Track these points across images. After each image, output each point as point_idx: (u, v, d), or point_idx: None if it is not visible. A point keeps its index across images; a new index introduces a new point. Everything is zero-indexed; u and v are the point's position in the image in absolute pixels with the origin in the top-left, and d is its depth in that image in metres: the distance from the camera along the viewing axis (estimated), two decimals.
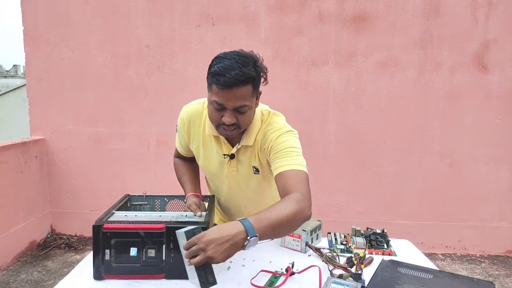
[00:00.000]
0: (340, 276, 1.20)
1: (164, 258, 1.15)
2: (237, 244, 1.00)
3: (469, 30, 3.30)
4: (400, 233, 3.41)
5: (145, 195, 1.55)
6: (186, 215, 1.34)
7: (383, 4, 3.30)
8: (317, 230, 1.56)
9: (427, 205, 3.52)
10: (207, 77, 1.22)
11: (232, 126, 1.23)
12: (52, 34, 3.42)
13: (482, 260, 3.46)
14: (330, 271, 1.27)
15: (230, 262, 1.35)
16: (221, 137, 1.37)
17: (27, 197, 3.31)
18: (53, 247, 3.41)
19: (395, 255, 1.47)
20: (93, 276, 1.16)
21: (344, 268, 1.27)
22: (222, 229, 1.00)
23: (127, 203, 1.53)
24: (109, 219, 1.24)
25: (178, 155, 1.69)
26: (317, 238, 1.57)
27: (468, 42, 3.32)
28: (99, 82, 3.46)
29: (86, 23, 3.40)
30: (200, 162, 1.53)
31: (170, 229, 1.15)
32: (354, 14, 3.32)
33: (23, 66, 3.54)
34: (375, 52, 3.36)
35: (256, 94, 1.26)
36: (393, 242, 1.57)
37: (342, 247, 1.50)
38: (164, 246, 1.15)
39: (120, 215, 1.31)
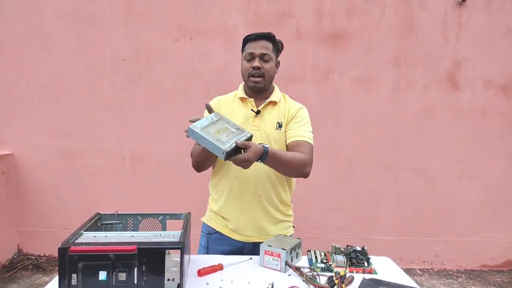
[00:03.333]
0: None
1: (136, 282, 1.09)
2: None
3: (441, 50, 3.41)
4: (378, 249, 3.45)
5: (117, 214, 1.48)
6: (160, 235, 1.28)
7: (359, 22, 3.37)
8: (296, 248, 1.52)
9: (403, 220, 3.55)
10: (242, 46, 1.69)
11: (259, 72, 1.60)
12: (23, 46, 3.31)
13: (459, 275, 3.50)
14: None
15: (207, 284, 1.30)
16: (249, 100, 1.67)
17: None
18: (20, 269, 3.22)
19: (376, 273, 1.45)
20: None
21: None
22: (256, 150, 1.38)
23: (98, 223, 1.46)
24: (76, 241, 1.17)
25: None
26: (297, 257, 1.53)
27: (440, 61, 3.42)
28: (72, 95, 3.36)
29: (60, 35, 3.31)
30: None
31: (143, 251, 1.09)
32: (330, 32, 3.38)
33: None
34: (351, 69, 3.42)
35: (276, 53, 1.68)
36: (374, 259, 1.55)
37: (323, 265, 1.47)
38: (135, 269, 1.09)
39: (89, 236, 1.23)
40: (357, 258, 1.50)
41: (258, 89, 1.66)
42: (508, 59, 3.44)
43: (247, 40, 1.65)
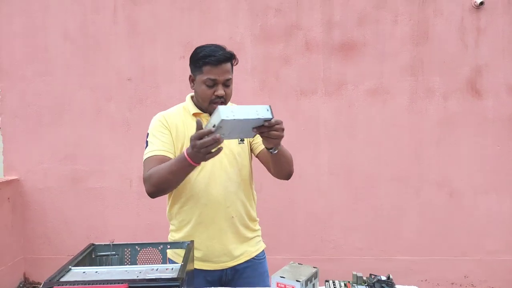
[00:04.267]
0: None
1: None
2: None
3: (460, 56, 3.24)
4: (402, 270, 3.22)
5: (112, 244, 1.34)
6: (157, 269, 1.13)
7: (371, 31, 3.24)
8: (313, 279, 1.35)
9: (428, 238, 3.32)
10: (194, 63, 1.47)
11: (222, 98, 1.45)
12: (29, 69, 3.28)
13: None
14: None
15: None
16: (204, 115, 1.52)
17: None
18: None
19: None
20: None
21: None
22: None
23: (92, 254, 1.32)
24: (62, 279, 1.03)
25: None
26: None
27: (460, 68, 3.25)
28: (78, 118, 3.29)
29: (64, 57, 3.27)
30: (182, 151, 1.42)
31: None
32: (341, 42, 3.25)
33: None
34: (365, 80, 3.27)
35: (233, 71, 1.51)
36: None
37: None
38: None
39: (77, 272, 1.10)
40: None
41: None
42: None
43: (205, 62, 1.42)
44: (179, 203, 1.54)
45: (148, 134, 1.54)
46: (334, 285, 1.40)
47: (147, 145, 1.50)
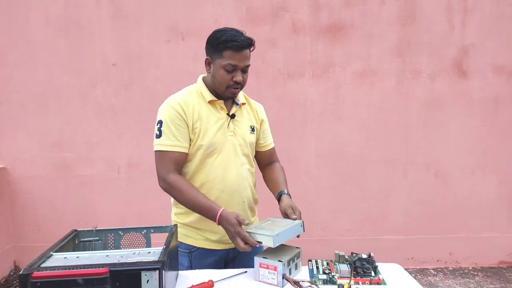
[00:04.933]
0: None
1: None
2: None
3: (447, 36, 3.24)
4: (389, 250, 3.28)
5: (95, 230, 1.35)
6: (139, 253, 1.14)
7: (358, 12, 3.21)
8: (295, 259, 1.37)
9: (414, 218, 3.38)
10: (214, 47, 1.44)
11: (239, 85, 1.47)
12: (12, 55, 3.21)
13: (476, 273, 3.31)
14: None
15: None
16: (218, 102, 1.52)
17: None
18: (16, 286, 3.11)
19: (384, 283, 1.30)
20: None
21: None
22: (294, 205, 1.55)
23: (75, 240, 1.33)
24: (42, 264, 1.04)
25: (172, 169, 1.48)
26: (296, 268, 1.38)
27: (446, 48, 3.25)
28: (64, 104, 3.24)
29: (48, 43, 3.20)
30: (198, 138, 1.48)
31: (115, 273, 0.96)
32: (328, 24, 3.22)
33: None
34: (352, 62, 3.26)
35: None
36: (381, 267, 1.40)
37: (325, 277, 1.32)
38: None
39: (58, 258, 1.10)
40: (363, 267, 1.34)
41: (233, 97, 1.57)
42: None
43: (227, 47, 1.41)
44: None
45: (160, 121, 1.48)
46: (316, 264, 1.42)
47: (160, 133, 1.48)
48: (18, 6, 3.19)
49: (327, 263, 1.43)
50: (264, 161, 1.75)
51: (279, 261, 1.28)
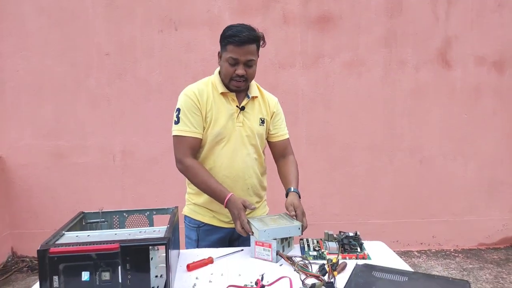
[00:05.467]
0: (313, 286, 1.14)
1: (120, 281, 1.05)
2: None
3: (431, 28, 3.36)
4: (375, 233, 3.44)
5: (102, 212, 1.44)
6: (144, 231, 1.24)
7: (347, 4, 3.30)
8: (288, 237, 1.49)
9: (400, 202, 3.53)
10: (221, 41, 1.57)
11: (242, 78, 1.55)
12: (5, 45, 3.22)
13: (456, 254, 3.49)
14: (302, 281, 1.21)
15: (196, 278, 1.26)
16: (230, 94, 1.62)
17: None
18: (14, 271, 3.18)
19: (369, 258, 1.42)
20: None
21: (317, 277, 1.21)
22: (299, 203, 1.60)
23: (82, 222, 1.42)
24: (57, 242, 1.13)
25: (188, 153, 1.60)
26: (288, 246, 1.50)
27: (431, 40, 3.37)
28: (58, 93, 3.28)
29: (42, 32, 3.22)
30: (210, 127, 1.60)
31: (125, 249, 1.05)
32: (318, 15, 3.31)
33: None
34: (341, 53, 3.36)
35: (258, 54, 1.59)
36: (367, 244, 1.53)
37: (315, 253, 1.44)
38: (119, 267, 1.05)
39: (70, 236, 1.19)
40: (350, 244, 1.47)
41: (240, 90, 1.63)
42: (499, 34, 3.39)
43: (229, 42, 1.51)
44: None
45: (178, 109, 1.60)
46: (307, 242, 1.54)
47: (178, 120, 1.60)
48: None
49: (317, 241, 1.55)
50: (278, 152, 1.80)
51: (273, 239, 1.39)
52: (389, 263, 1.33)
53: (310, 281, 1.20)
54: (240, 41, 1.49)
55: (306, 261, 1.35)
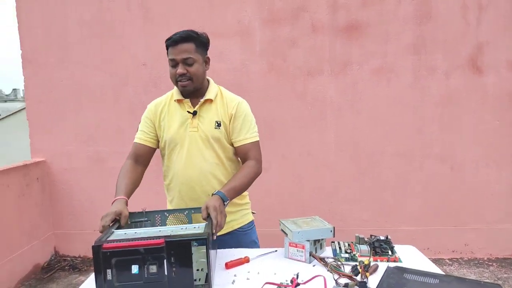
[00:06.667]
0: (346, 285, 1.20)
1: (166, 273, 1.14)
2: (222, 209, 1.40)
3: (462, 34, 3.34)
4: (405, 240, 3.40)
5: (145, 212, 1.55)
6: (185, 228, 1.33)
7: (375, 12, 3.34)
8: (320, 239, 1.55)
9: (430, 209, 3.50)
10: (167, 49, 1.58)
11: (185, 77, 1.55)
12: (50, 56, 3.46)
13: (490, 263, 3.42)
14: (336, 280, 1.26)
15: (235, 276, 1.34)
16: (185, 100, 1.63)
17: (30, 219, 3.30)
18: (57, 269, 3.38)
19: (400, 261, 1.46)
20: None
21: (349, 277, 1.27)
22: (214, 204, 1.38)
23: (128, 221, 1.53)
24: (108, 239, 1.24)
25: (131, 156, 1.73)
26: (321, 248, 1.56)
27: (461, 46, 3.35)
28: (98, 102, 3.48)
29: (82, 44, 3.44)
30: (164, 133, 1.65)
31: (170, 243, 1.15)
32: (346, 24, 3.36)
33: (23, 90, 3.58)
34: (369, 60, 3.39)
35: (201, 52, 1.59)
36: (398, 248, 1.56)
37: (347, 255, 1.49)
38: (165, 261, 1.14)
39: (119, 234, 1.30)
40: (381, 247, 1.51)
41: (189, 91, 1.61)
42: None
43: (167, 46, 1.57)
44: (167, 180, 1.77)
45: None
46: (339, 245, 1.59)
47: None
48: (55, 9, 3.44)
49: (348, 244, 1.60)
50: (240, 157, 1.70)
51: (307, 240, 1.46)
52: (420, 267, 1.37)
53: (343, 280, 1.25)
54: (173, 41, 1.53)
55: (339, 262, 1.41)
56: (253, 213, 1.86)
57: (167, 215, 1.57)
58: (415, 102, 3.42)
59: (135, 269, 1.14)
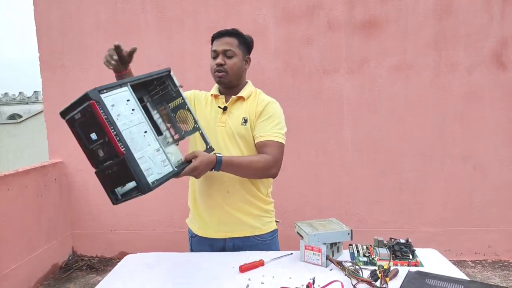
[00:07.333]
0: None
1: None
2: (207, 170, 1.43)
3: (485, 28, 3.22)
4: (425, 241, 3.33)
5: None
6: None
7: (393, 8, 3.26)
8: (337, 242, 1.50)
9: (452, 210, 3.40)
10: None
11: (222, 68, 1.60)
12: (67, 59, 3.50)
13: None
14: (354, 286, 1.21)
15: (249, 280, 1.31)
16: (220, 96, 1.67)
17: (48, 220, 3.34)
18: (75, 269, 3.41)
19: (422, 265, 1.40)
20: None
21: (368, 282, 1.21)
22: (207, 160, 1.40)
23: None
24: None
25: None
26: (338, 251, 1.51)
27: (484, 41, 3.23)
28: None
29: (99, 46, 3.47)
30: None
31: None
32: (363, 20, 3.29)
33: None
34: (387, 57, 3.31)
35: (243, 50, 1.65)
36: (419, 251, 1.50)
37: (365, 259, 1.44)
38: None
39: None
40: (401, 251, 1.45)
41: (224, 84, 1.64)
42: None
43: (213, 38, 1.66)
44: None
45: None
46: (357, 248, 1.54)
47: None
48: (71, 11, 3.48)
49: (366, 247, 1.55)
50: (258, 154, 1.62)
51: (323, 243, 1.41)
52: (443, 272, 1.30)
53: (362, 286, 1.20)
54: (219, 34, 1.63)
55: (357, 267, 1.35)
56: (277, 221, 1.78)
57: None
58: (436, 100, 3.32)
59: (94, 136, 1.13)
